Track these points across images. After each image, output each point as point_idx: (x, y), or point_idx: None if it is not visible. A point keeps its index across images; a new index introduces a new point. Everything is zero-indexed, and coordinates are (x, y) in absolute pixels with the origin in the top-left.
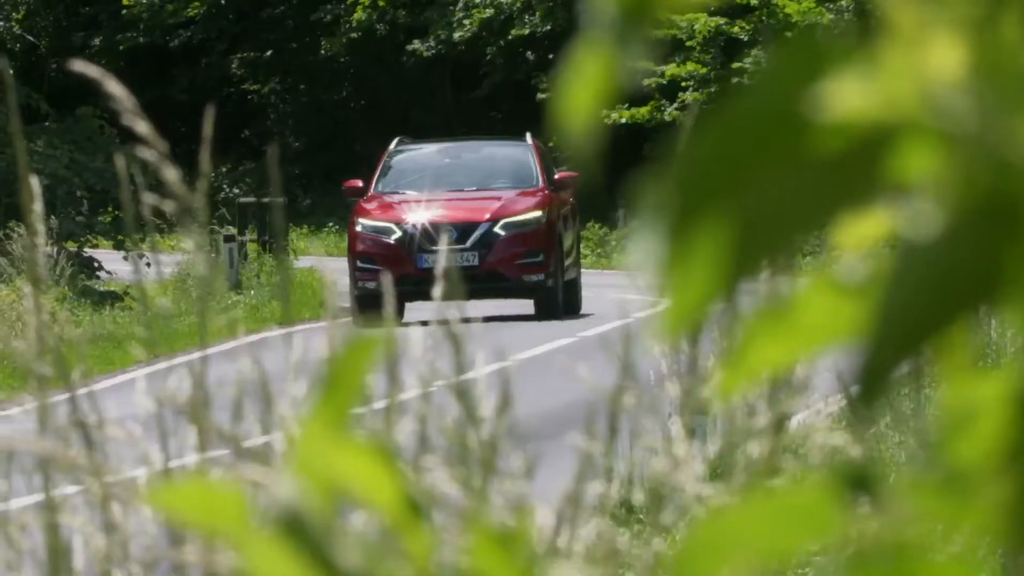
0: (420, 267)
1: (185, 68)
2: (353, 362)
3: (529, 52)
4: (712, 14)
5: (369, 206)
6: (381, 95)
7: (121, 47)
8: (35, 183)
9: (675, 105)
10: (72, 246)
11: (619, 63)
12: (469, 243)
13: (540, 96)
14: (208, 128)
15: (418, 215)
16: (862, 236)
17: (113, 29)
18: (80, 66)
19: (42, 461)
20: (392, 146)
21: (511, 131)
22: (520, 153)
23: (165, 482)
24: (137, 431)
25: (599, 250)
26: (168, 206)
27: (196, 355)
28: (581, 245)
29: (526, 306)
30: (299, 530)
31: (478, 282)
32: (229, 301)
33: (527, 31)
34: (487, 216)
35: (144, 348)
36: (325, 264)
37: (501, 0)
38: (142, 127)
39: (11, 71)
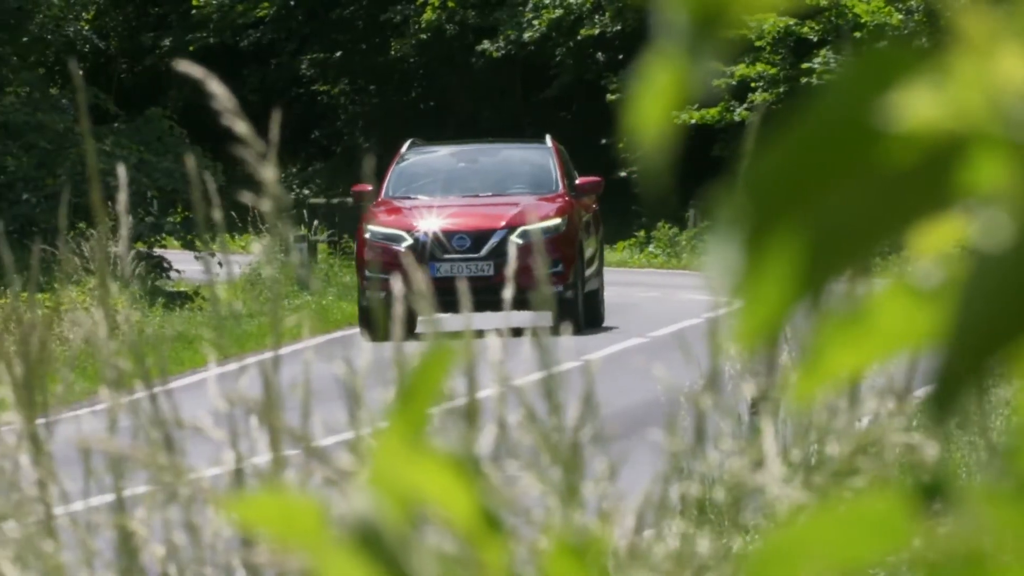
0: (432, 276)
1: (255, 69)
2: (430, 373)
3: (599, 52)
4: (782, 15)
5: (379, 212)
6: (450, 96)
7: (191, 47)
8: (122, 172)
9: (744, 106)
10: (142, 246)
11: (690, 70)
12: (484, 252)
13: (610, 97)
14: (275, 130)
15: (430, 222)
16: (937, 241)
17: (183, 29)
18: (185, 66)
19: (113, 461)
20: (404, 149)
21: (581, 132)
22: (539, 156)
23: (241, 493)
24: (214, 429)
25: (669, 250)
26: (264, 205)
27: (267, 355)
28: (603, 253)
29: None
30: (375, 542)
31: (492, 293)
32: (299, 301)
33: (597, 31)
34: (503, 223)
35: (215, 349)
36: None
37: (571, 0)
38: (241, 127)
39: (80, 72)
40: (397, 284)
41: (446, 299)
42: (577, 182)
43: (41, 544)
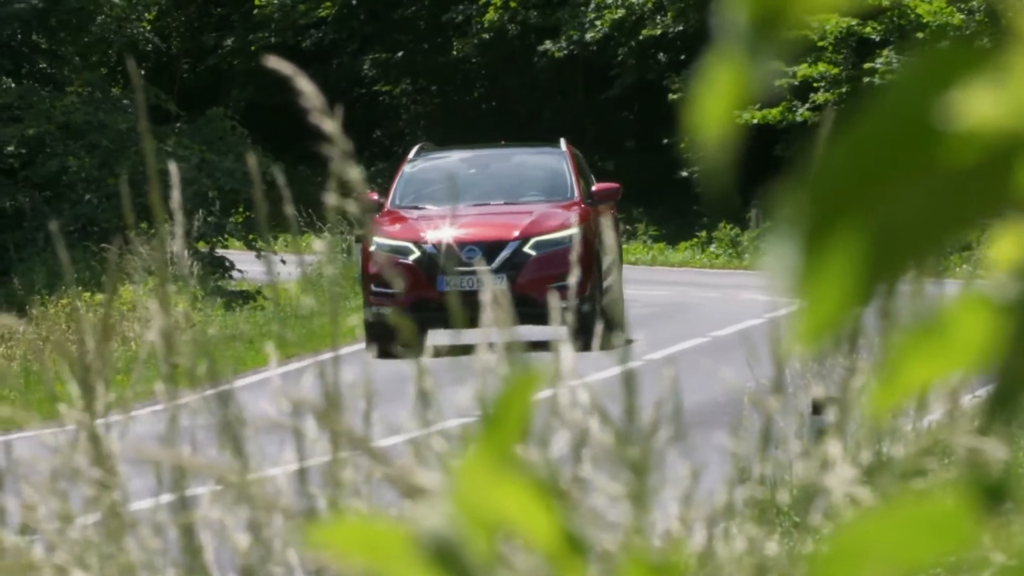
0: (441, 291)
1: (317, 69)
2: (515, 397)
3: (661, 53)
4: (844, 15)
5: (385, 222)
6: (512, 96)
7: (253, 47)
8: (174, 172)
9: (806, 106)
10: (203, 246)
11: (751, 70)
12: (496, 264)
13: (671, 97)
14: (337, 128)
15: (439, 233)
16: (1011, 251)
17: (245, 29)
18: (274, 62)
19: (175, 464)
20: (411, 154)
21: (643, 133)
22: (553, 162)
23: (324, 518)
24: (282, 427)
25: (731, 250)
26: (349, 205)
27: (327, 356)
28: (623, 263)
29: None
30: (458, 566)
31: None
32: (360, 301)
33: (658, 31)
34: (516, 234)
35: (277, 348)
36: None
37: (632, 0)
38: (328, 125)
39: (141, 72)
40: (404, 299)
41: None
42: (594, 188)
43: (106, 544)
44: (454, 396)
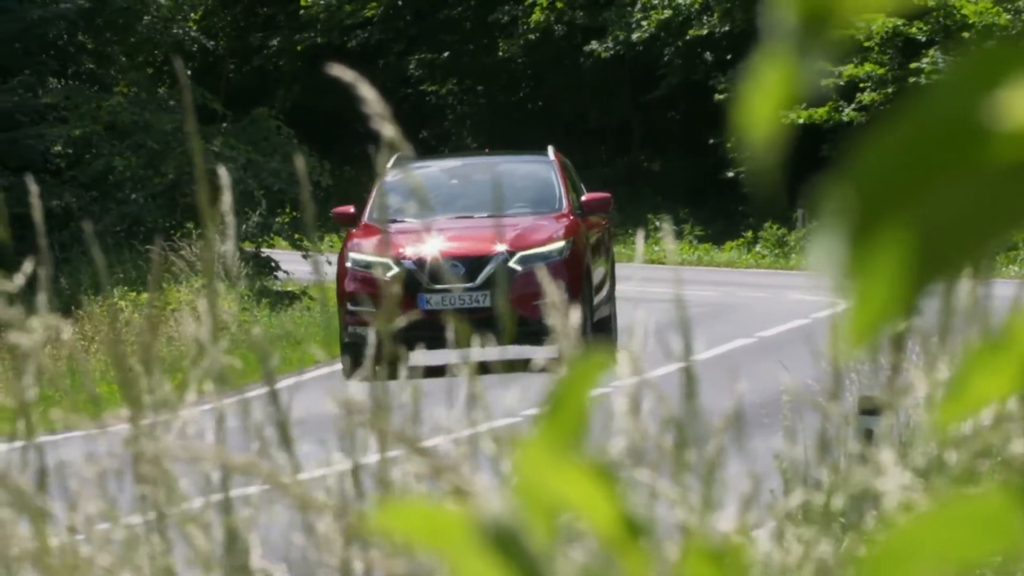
0: (422, 309)
1: (363, 69)
2: (578, 383)
3: (707, 53)
4: (890, 15)
5: (361, 237)
6: (558, 96)
7: (299, 48)
8: (224, 174)
9: (853, 106)
10: (249, 246)
11: (799, 68)
12: (479, 280)
13: (718, 97)
14: (386, 128)
15: (419, 248)
16: None
17: (291, 30)
18: (338, 70)
19: (223, 466)
20: (389, 164)
21: (689, 133)
22: (541, 171)
23: (389, 504)
24: (333, 422)
25: (777, 250)
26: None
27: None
28: (616, 276)
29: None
30: (518, 551)
31: (489, 327)
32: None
33: (705, 31)
34: (500, 248)
35: (323, 348)
36: None
37: (679, 1)
38: (389, 130)
39: (188, 72)
40: (382, 318)
41: (437, 334)
42: (583, 199)
43: (154, 545)
44: (502, 396)
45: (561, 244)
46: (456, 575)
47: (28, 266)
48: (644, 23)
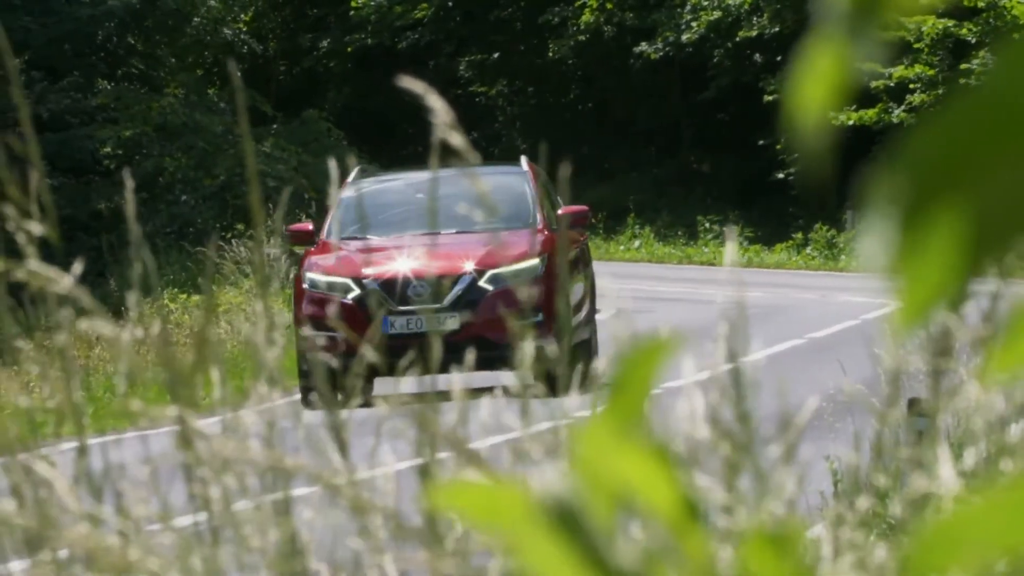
0: (385, 333)
1: (413, 70)
2: (641, 364)
3: (756, 54)
4: (940, 16)
5: (320, 257)
6: (608, 97)
7: (349, 49)
8: (285, 195)
9: (902, 107)
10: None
11: (850, 61)
12: (447, 302)
13: (767, 98)
14: (438, 129)
15: (382, 267)
16: None
17: (341, 31)
18: (408, 82)
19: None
20: (350, 177)
21: (739, 135)
22: (513, 183)
23: (451, 482)
24: (383, 424)
25: (827, 252)
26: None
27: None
28: (596, 295)
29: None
30: (579, 531)
31: (458, 351)
32: None
33: (754, 33)
34: (469, 267)
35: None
36: None
37: (729, 2)
38: (456, 139)
39: (238, 73)
40: (343, 344)
41: (402, 359)
42: (559, 212)
43: (206, 547)
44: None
45: (535, 262)
46: (517, 554)
47: (78, 267)
48: (694, 24)
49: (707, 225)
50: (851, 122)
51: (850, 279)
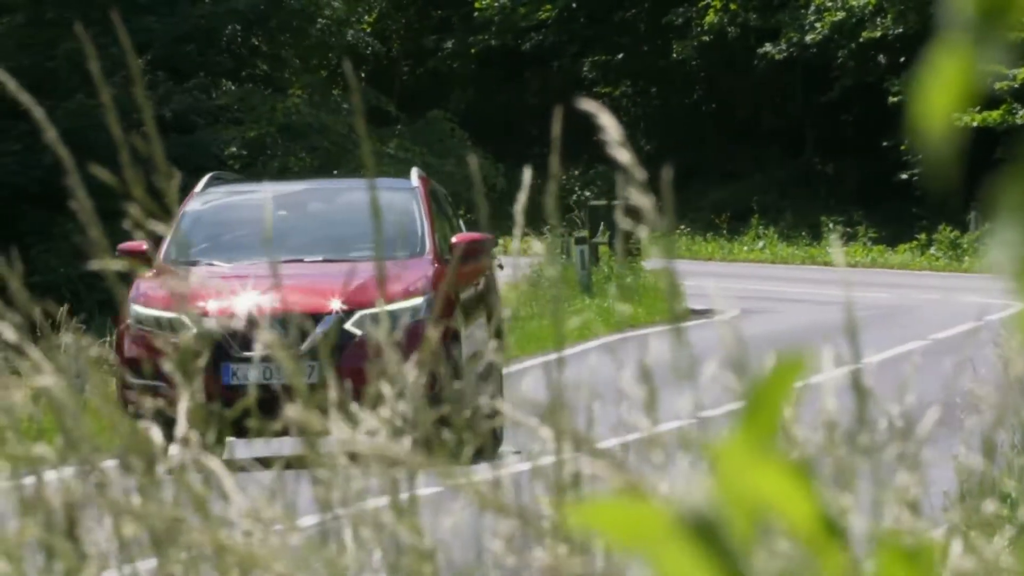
0: (226, 384)
1: (536, 71)
2: (778, 382)
3: (880, 55)
4: None
5: (151, 285)
6: (731, 98)
7: (472, 50)
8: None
9: None
10: None
11: (975, 63)
12: (306, 345)
13: (891, 99)
14: (556, 129)
15: (226, 301)
16: None
17: (465, 32)
18: (587, 105)
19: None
20: (199, 187)
21: (863, 136)
22: (399, 201)
23: (587, 501)
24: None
25: (951, 253)
26: (641, 231)
27: (551, 356)
28: (504, 334)
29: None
30: (717, 545)
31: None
32: (580, 304)
33: (879, 33)
34: (336, 304)
35: (498, 350)
36: (681, 267)
37: (853, 3)
38: (624, 156)
39: (361, 74)
40: (176, 397)
41: (246, 416)
42: (454, 240)
43: (323, 548)
44: (674, 400)
45: (418, 301)
46: (656, 570)
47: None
48: (817, 25)
49: (830, 226)
50: (975, 124)
51: (974, 280)
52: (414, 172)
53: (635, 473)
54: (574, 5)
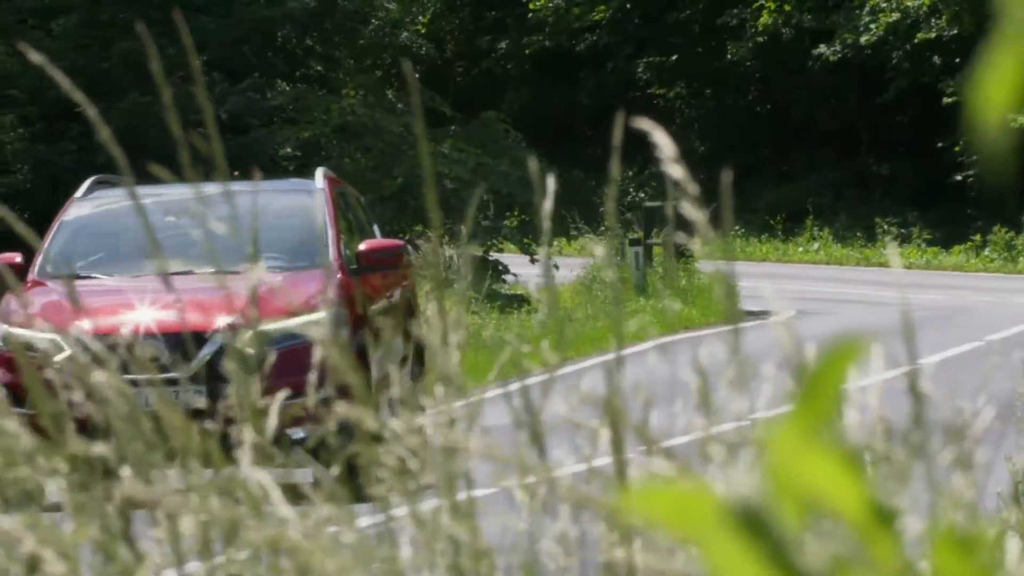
0: None
1: (591, 72)
2: (833, 368)
3: (935, 56)
4: None
5: (24, 300)
6: (786, 99)
7: (527, 51)
8: (433, 185)
9: None
10: (477, 250)
11: None
12: (193, 367)
13: (946, 100)
14: (618, 137)
15: (105, 319)
16: None
17: (519, 33)
18: (641, 122)
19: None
20: (80, 191)
21: (918, 137)
22: (302, 205)
23: (640, 486)
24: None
25: (1006, 254)
26: (692, 244)
27: (609, 356)
28: (422, 359)
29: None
30: (766, 533)
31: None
32: (635, 305)
33: (934, 34)
34: (227, 321)
35: (555, 350)
36: (736, 269)
37: (907, 4)
38: (678, 172)
39: (416, 75)
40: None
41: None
42: (362, 248)
43: (380, 547)
44: (732, 401)
45: (321, 315)
46: (707, 557)
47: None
48: (872, 26)
49: (885, 227)
50: None
51: None
52: (319, 172)
53: (697, 472)
54: (628, 6)
